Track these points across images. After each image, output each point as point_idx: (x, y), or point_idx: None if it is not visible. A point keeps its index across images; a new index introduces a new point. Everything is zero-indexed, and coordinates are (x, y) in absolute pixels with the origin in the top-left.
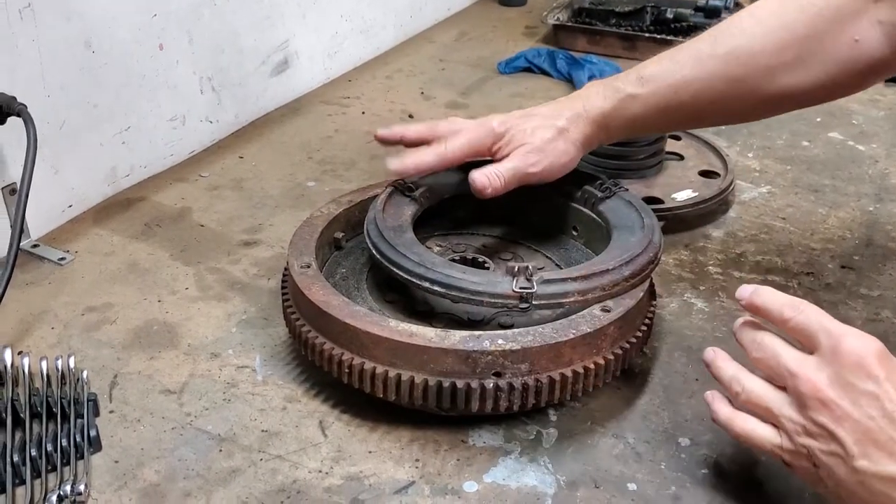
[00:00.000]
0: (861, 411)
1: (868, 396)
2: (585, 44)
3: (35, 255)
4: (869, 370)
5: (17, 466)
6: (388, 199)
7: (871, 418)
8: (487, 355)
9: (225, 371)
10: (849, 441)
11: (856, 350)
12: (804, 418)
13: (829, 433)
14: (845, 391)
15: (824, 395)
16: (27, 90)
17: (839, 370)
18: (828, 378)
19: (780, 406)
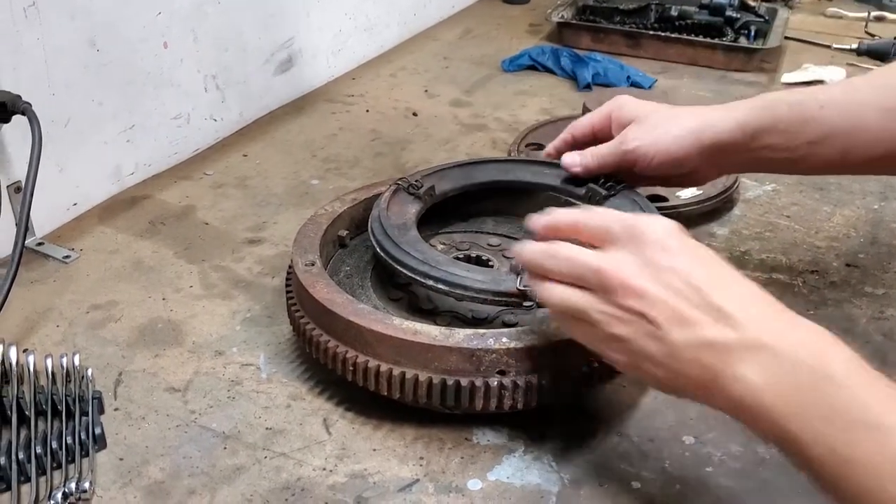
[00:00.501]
0: (667, 287)
1: (670, 272)
2: (589, 41)
3: (40, 253)
4: (665, 245)
5: (22, 464)
6: (392, 197)
7: (677, 292)
8: (492, 353)
9: (229, 369)
10: (661, 319)
11: (651, 229)
12: (615, 307)
13: (641, 315)
14: (649, 271)
15: (631, 281)
16: (32, 88)
17: (639, 252)
18: (631, 263)
19: (590, 304)
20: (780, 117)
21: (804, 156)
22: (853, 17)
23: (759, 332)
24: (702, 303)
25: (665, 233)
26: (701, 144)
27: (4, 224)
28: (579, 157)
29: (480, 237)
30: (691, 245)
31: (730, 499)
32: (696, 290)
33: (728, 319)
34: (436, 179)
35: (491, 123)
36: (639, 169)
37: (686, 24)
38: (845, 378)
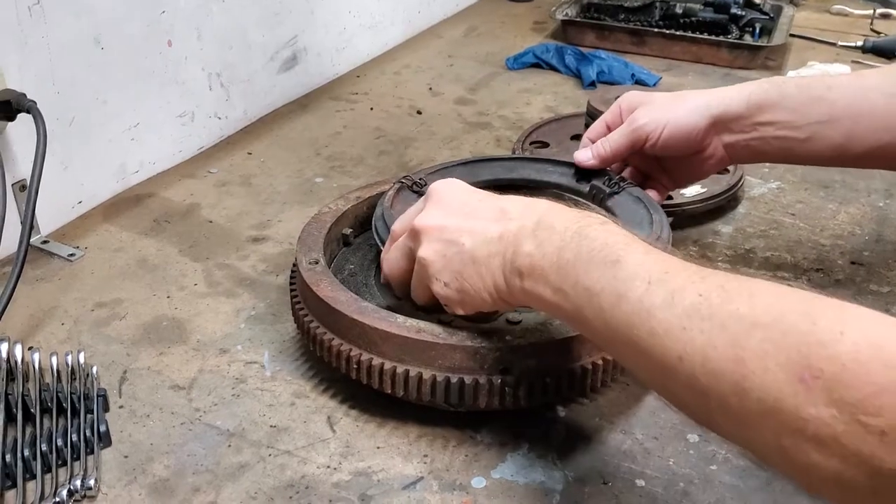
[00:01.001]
0: (457, 214)
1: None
2: (594, 39)
3: (45, 252)
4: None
5: (27, 461)
6: (395, 195)
7: (465, 214)
8: (495, 351)
9: (234, 367)
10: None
11: (442, 185)
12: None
13: (446, 242)
14: (442, 211)
15: (430, 222)
16: (37, 87)
17: (435, 203)
18: (428, 212)
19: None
20: (788, 94)
21: (809, 137)
22: (858, 14)
23: (535, 217)
24: (483, 214)
25: (450, 184)
26: (710, 115)
27: (9, 222)
28: (591, 149)
29: None
30: (471, 189)
31: (734, 497)
32: (476, 208)
33: (508, 215)
34: (439, 177)
35: (495, 121)
36: (649, 146)
37: (691, 22)
38: (596, 233)
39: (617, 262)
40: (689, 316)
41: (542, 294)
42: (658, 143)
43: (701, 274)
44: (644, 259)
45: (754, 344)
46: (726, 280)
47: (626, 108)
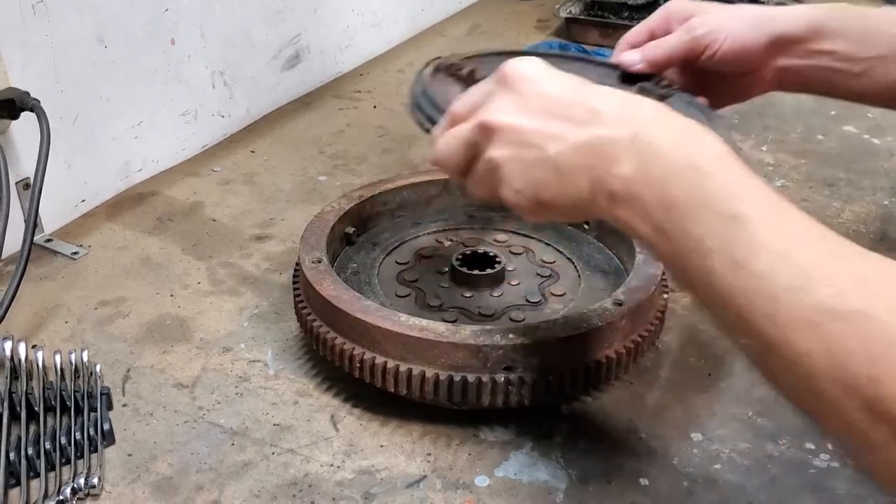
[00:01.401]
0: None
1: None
2: (598, 37)
3: (48, 250)
4: (532, 77)
5: (31, 459)
6: (432, 75)
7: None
8: (498, 349)
9: (237, 365)
10: (537, 140)
11: (518, 67)
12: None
13: (523, 144)
14: (519, 103)
15: (502, 118)
16: (40, 85)
17: (509, 91)
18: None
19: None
20: (849, 24)
21: (866, 70)
22: None
23: (634, 126)
24: (570, 113)
25: (527, 65)
26: (771, 33)
27: (13, 221)
28: (640, 52)
29: (487, 233)
30: (553, 71)
31: (738, 496)
32: (564, 105)
33: (601, 118)
34: (475, 64)
35: None
36: (706, 58)
37: None
38: (711, 168)
39: (737, 218)
40: (821, 310)
41: (637, 228)
42: (716, 55)
43: (836, 253)
44: (770, 219)
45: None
46: (867, 268)
47: (675, 14)
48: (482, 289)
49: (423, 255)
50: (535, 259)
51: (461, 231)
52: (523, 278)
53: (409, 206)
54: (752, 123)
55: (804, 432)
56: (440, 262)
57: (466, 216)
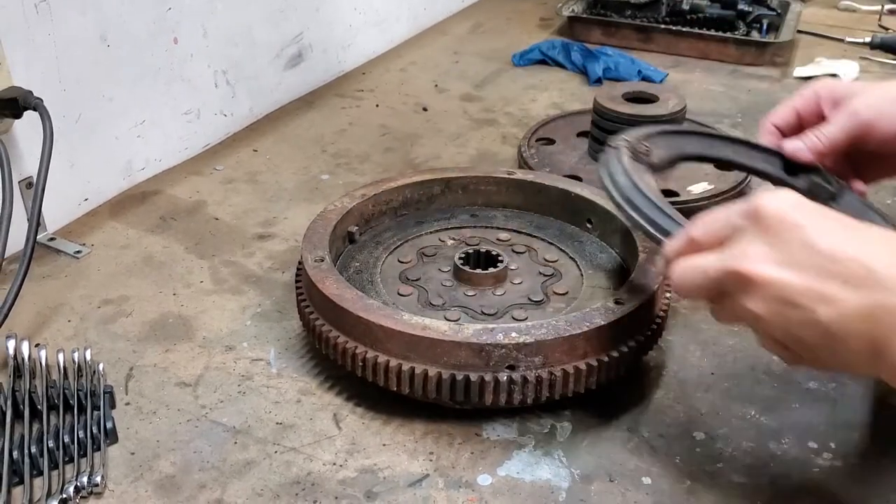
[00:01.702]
0: (801, 267)
1: (804, 249)
2: (600, 35)
3: (51, 249)
4: (795, 222)
5: (34, 458)
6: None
7: (812, 268)
8: (501, 348)
9: (240, 364)
10: (804, 301)
11: (774, 208)
12: (759, 303)
13: (785, 303)
14: (781, 254)
15: (763, 271)
16: (43, 84)
17: (767, 236)
18: (759, 250)
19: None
20: None
21: None
22: (866, 10)
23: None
24: (845, 271)
25: (784, 205)
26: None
27: (16, 219)
28: (802, 141)
29: (489, 232)
30: (816, 212)
31: (740, 495)
32: (831, 260)
33: (876, 278)
34: (645, 140)
35: (501, 118)
36: (874, 143)
37: (697, 18)
38: None
39: None
40: None
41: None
42: (881, 139)
43: None
44: None
45: None
46: None
47: (826, 97)
48: (485, 287)
49: (425, 254)
50: (537, 258)
51: (464, 230)
52: (526, 277)
53: (412, 205)
54: (755, 122)
55: (807, 431)
56: (443, 261)
57: (469, 215)
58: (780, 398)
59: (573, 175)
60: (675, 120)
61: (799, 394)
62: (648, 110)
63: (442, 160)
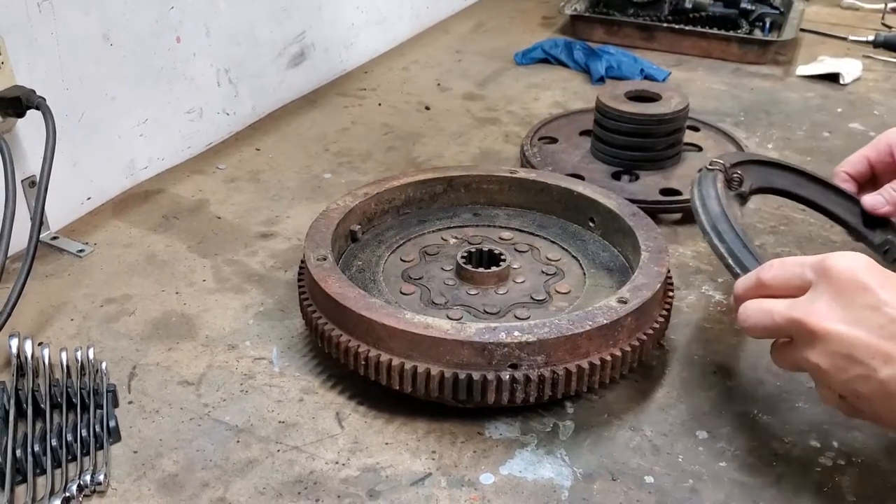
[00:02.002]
0: (866, 325)
1: (870, 309)
2: (603, 34)
3: (54, 247)
4: (863, 284)
5: (37, 456)
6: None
7: (877, 328)
8: (503, 347)
9: (242, 362)
10: (866, 359)
11: (845, 268)
12: (821, 355)
13: (847, 358)
14: (844, 311)
15: (829, 326)
16: (46, 83)
17: (835, 294)
18: (825, 306)
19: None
20: None
21: None
22: (869, 8)
23: None
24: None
25: (855, 267)
26: None
27: (19, 218)
28: (882, 196)
29: (492, 231)
30: (883, 275)
31: (743, 494)
32: (892, 319)
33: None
34: (741, 170)
35: (503, 117)
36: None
37: (700, 17)
38: None
39: None
40: None
41: None
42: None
43: None
44: None
45: None
46: None
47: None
48: (487, 286)
49: (427, 253)
50: (540, 257)
51: (466, 228)
52: (528, 276)
53: (414, 204)
54: (757, 121)
55: (809, 430)
56: (445, 260)
57: (471, 213)
58: (782, 397)
59: (575, 174)
60: (677, 118)
61: (802, 393)
62: (651, 109)
63: (444, 159)
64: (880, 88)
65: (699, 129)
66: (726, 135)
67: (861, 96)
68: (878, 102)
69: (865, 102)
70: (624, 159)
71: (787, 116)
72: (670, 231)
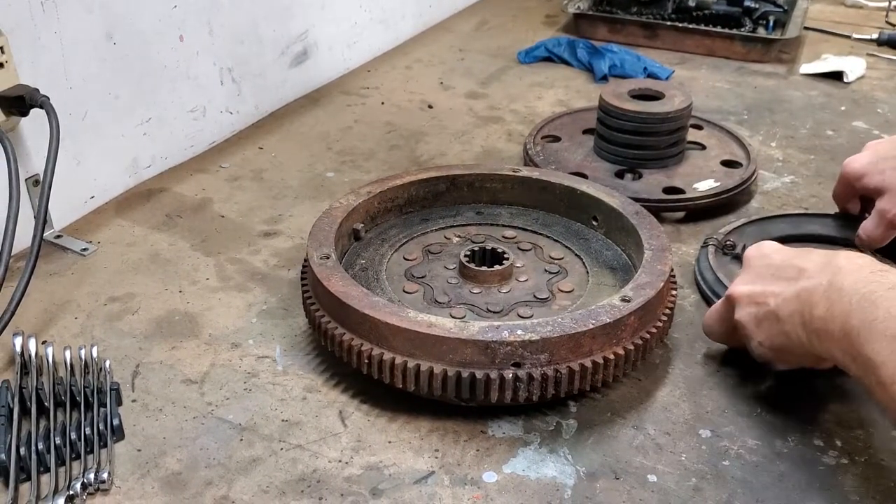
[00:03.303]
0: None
1: (764, 267)
2: (606, 33)
3: (58, 246)
4: (763, 254)
5: (41, 454)
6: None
7: (771, 277)
8: (507, 346)
9: (245, 361)
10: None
11: (754, 248)
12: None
13: (753, 305)
14: (751, 275)
15: (740, 288)
16: (50, 82)
17: (747, 268)
18: (741, 278)
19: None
20: None
21: None
22: (873, 6)
23: (828, 276)
24: (785, 274)
25: (760, 245)
26: None
27: (23, 217)
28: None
29: (495, 229)
30: (779, 247)
31: (746, 492)
32: (779, 268)
33: (806, 273)
34: (736, 236)
35: (506, 115)
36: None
37: (704, 15)
38: (882, 299)
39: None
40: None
41: (835, 357)
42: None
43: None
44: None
45: None
46: None
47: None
48: (490, 285)
49: (431, 252)
50: (543, 255)
51: (469, 227)
52: (531, 274)
53: (417, 202)
54: (761, 119)
55: (813, 429)
56: (448, 259)
57: (474, 212)
58: (785, 395)
59: (579, 172)
60: (680, 117)
61: (805, 391)
62: (654, 107)
63: (447, 157)
64: (884, 86)
65: (702, 128)
66: (730, 133)
67: (865, 94)
68: (882, 101)
69: (869, 100)
70: (627, 158)
71: (791, 115)
72: (673, 229)
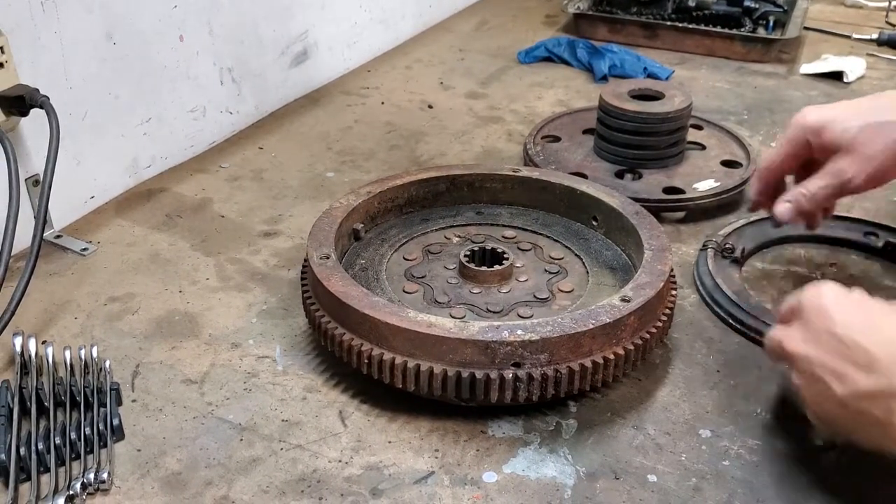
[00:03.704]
0: (825, 349)
1: (825, 333)
2: (606, 33)
3: (58, 246)
4: (822, 307)
5: (41, 454)
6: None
7: (833, 351)
8: (506, 346)
9: (245, 361)
10: (826, 377)
11: (811, 295)
12: (797, 373)
13: (812, 377)
14: (810, 336)
15: (795, 347)
16: (49, 82)
17: (803, 322)
18: (796, 331)
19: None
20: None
21: None
22: (873, 6)
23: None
24: (854, 355)
25: (819, 293)
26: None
27: (23, 217)
28: (790, 202)
29: (495, 229)
30: (845, 301)
31: (746, 492)
32: (847, 345)
33: (878, 366)
34: (734, 238)
35: (507, 115)
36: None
37: (704, 15)
38: None
39: None
40: None
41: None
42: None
43: None
44: None
45: None
46: None
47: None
48: (490, 285)
49: (430, 252)
50: (543, 255)
51: (469, 227)
52: (531, 274)
53: (417, 202)
54: (761, 119)
55: (813, 429)
56: (448, 259)
57: (474, 212)
58: (785, 396)
59: (579, 172)
60: (680, 117)
61: None
62: (654, 107)
63: (447, 157)
64: (884, 86)
65: (702, 128)
66: (729, 133)
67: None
68: None
69: None
70: (627, 158)
71: (791, 115)
72: (673, 229)
